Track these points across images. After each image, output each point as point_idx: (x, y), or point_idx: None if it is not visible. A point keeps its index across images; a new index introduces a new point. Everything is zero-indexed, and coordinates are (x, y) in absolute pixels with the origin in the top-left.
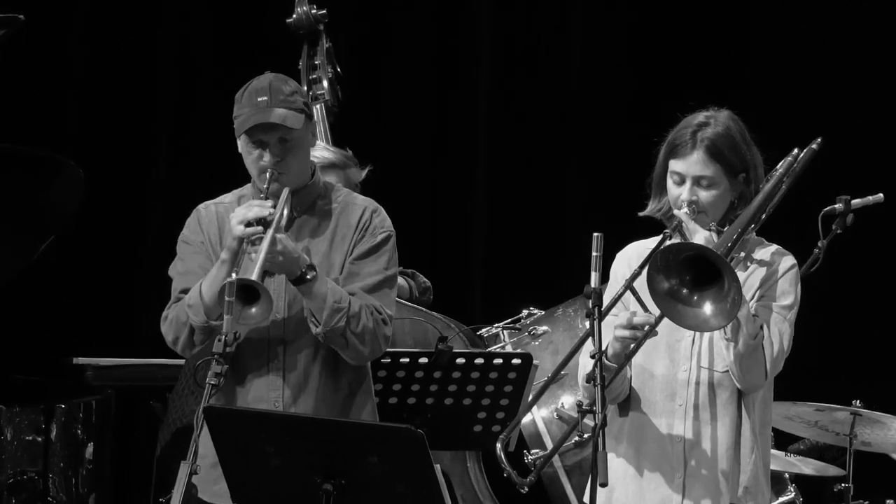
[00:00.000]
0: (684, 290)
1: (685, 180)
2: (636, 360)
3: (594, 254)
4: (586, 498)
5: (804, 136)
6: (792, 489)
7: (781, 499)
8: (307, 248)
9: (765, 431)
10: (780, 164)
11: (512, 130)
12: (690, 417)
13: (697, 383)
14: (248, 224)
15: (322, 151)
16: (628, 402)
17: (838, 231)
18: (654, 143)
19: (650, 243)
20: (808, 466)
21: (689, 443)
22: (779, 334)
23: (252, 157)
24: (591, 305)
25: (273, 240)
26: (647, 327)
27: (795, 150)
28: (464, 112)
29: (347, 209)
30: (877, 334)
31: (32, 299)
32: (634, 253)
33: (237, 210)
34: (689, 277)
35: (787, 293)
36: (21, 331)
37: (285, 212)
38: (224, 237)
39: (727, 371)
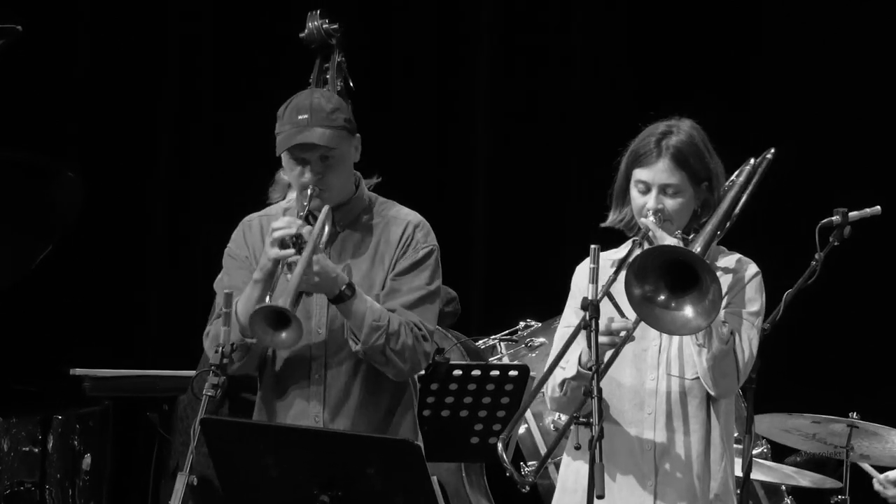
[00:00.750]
0: (662, 296)
1: (651, 189)
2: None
3: (591, 266)
4: None
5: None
6: (789, 501)
7: None
8: (348, 265)
9: (730, 439)
10: (737, 173)
11: (513, 142)
12: (660, 425)
13: (667, 392)
14: (284, 245)
15: None
16: (578, 410)
17: (835, 243)
18: (617, 152)
19: (612, 254)
20: (804, 479)
21: (659, 450)
22: (748, 340)
23: (294, 173)
24: (587, 317)
25: (309, 262)
26: (623, 333)
27: (752, 160)
28: (464, 123)
29: (390, 224)
30: (873, 346)
31: (31, 309)
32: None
33: (273, 226)
34: (666, 283)
35: (754, 300)
36: (19, 341)
37: (327, 228)
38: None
39: (697, 378)
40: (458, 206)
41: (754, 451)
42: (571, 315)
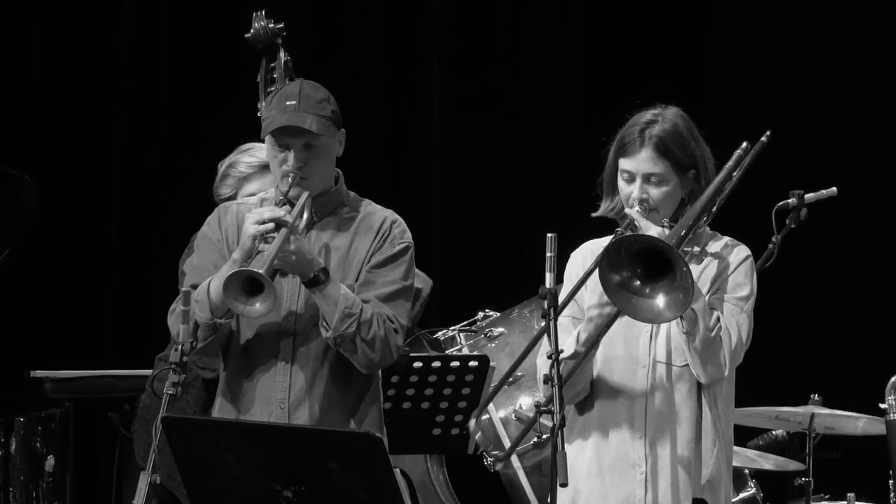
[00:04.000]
0: (636, 283)
1: (635, 178)
2: (597, 356)
3: (548, 254)
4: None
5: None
6: (752, 484)
7: (742, 494)
8: (326, 247)
9: (728, 426)
10: (732, 158)
11: (467, 132)
12: (651, 413)
13: (657, 379)
14: (263, 223)
15: (262, 153)
16: (587, 401)
17: (792, 226)
18: (605, 142)
19: (605, 242)
20: (768, 462)
21: (650, 438)
22: (736, 326)
23: (276, 159)
24: (546, 306)
25: (286, 238)
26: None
27: (745, 144)
28: (418, 116)
29: (368, 218)
30: (832, 327)
31: None
32: (589, 252)
33: (254, 210)
34: (641, 271)
35: (743, 284)
36: None
37: (304, 215)
38: (241, 237)
39: (686, 365)
40: (414, 197)
41: None
42: (569, 306)
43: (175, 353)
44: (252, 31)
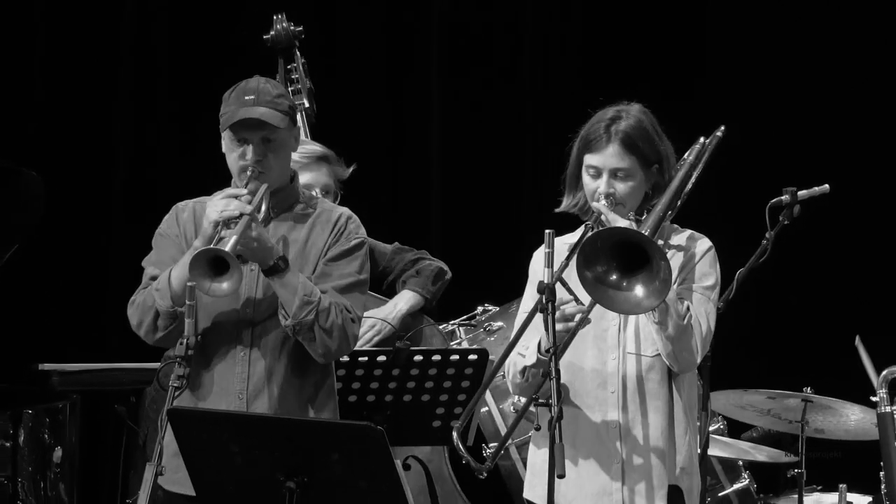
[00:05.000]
0: (613, 276)
1: (602, 173)
2: (565, 355)
3: (546, 250)
4: (528, 494)
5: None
6: (746, 476)
7: (736, 486)
8: (284, 239)
9: (694, 413)
10: (689, 152)
11: (466, 131)
12: (624, 404)
13: (628, 370)
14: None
15: (313, 145)
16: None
17: (785, 222)
18: (569, 139)
19: (568, 238)
20: (761, 454)
21: (623, 429)
22: (705, 314)
23: (234, 154)
24: (544, 300)
25: (248, 224)
26: (578, 316)
27: (702, 139)
28: (418, 114)
29: (323, 214)
30: (825, 322)
31: None
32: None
33: (214, 199)
34: (617, 264)
35: (708, 274)
36: None
37: (263, 206)
38: (199, 232)
39: (657, 355)
40: (415, 193)
41: (711, 428)
42: (529, 300)
43: (180, 346)
44: (273, 32)
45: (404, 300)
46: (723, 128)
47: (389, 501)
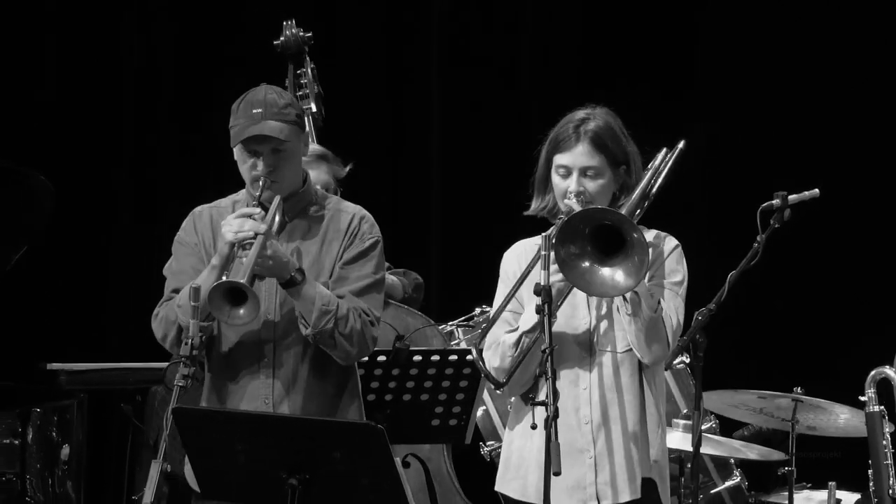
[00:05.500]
0: (591, 259)
1: (572, 172)
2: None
3: (542, 252)
4: (500, 487)
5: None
6: (737, 473)
7: (728, 483)
8: (298, 250)
9: (663, 408)
10: (653, 161)
11: (466, 132)
12: (596, 399)
13: (600, 366)
14: (240, 232)
15: (312, 145)
16: (532, 391)
17: (776, 226)
18: (539, 141)
19: (538, 239)
20: (752, 452)
21: (596, 424)
22: (674, 308)
23: (246, 165)
24: (541, 302)
25: (263, 245)
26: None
27: (665, 150)
28: (418, 115)
29: (337, 215)
30: (815, 323)
31: (6, 308)
32: (523, 250)
33: (228, 218)
34: (593, 248)
35: (676, 271)
36: None
37: (277, 218)
38: (217, 241)
39: (629, 350)
40: (414, 197)
41: (703, 427)
42: (502, 299)
43: (185, 346)
44: (283, 38)
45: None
46: (684, 142)
47: (389, 498)
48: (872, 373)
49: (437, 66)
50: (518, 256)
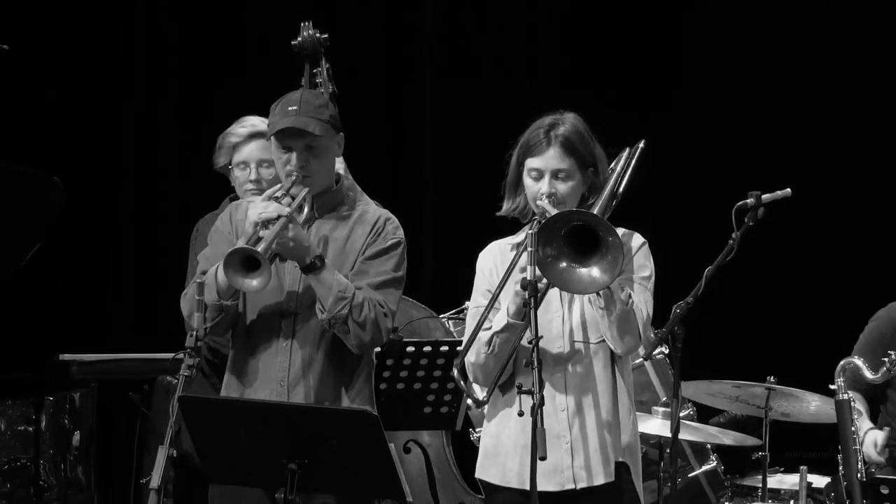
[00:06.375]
0: (567, 260)
1: (543, 175)
2: (519, 345)
3: (529, 249)
4: (480, 474)
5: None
6: (714, 458)
7: (705, 467)
8: (324, 241)
9: (633, 396)
10: (616, 161)
11: (461, 135)
12: (571, 388)
13: (574, 357)
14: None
15: (253, 119)
16: (509, 381)
17: (750, 223)
18: (510, 145)
19: (513, 239)
20: (728, 437)
21: (572, 411)
22: (644, 301)
23: (281, 160)
24: (527, 296)
25: (284, 225)
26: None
27: (627, 149)
28: (414, 113)
29: (364, 215)
30: (787, 315)
31: (22, 303)
32: (498, 249)
33: (256, 201)
34: (569, 250)
35: (644, 266)
36: (11, 331)
37: (305, 208)
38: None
39: (601, 341)
40: (410, 200)
41: (681, 414)
42: (479, 296)
43: (190, 338)
44: (300, 38)
45: None
46: (644, 141)
47: (384, 481)
48: (842, 362)
49: (432, 66)
50: (494, 256)
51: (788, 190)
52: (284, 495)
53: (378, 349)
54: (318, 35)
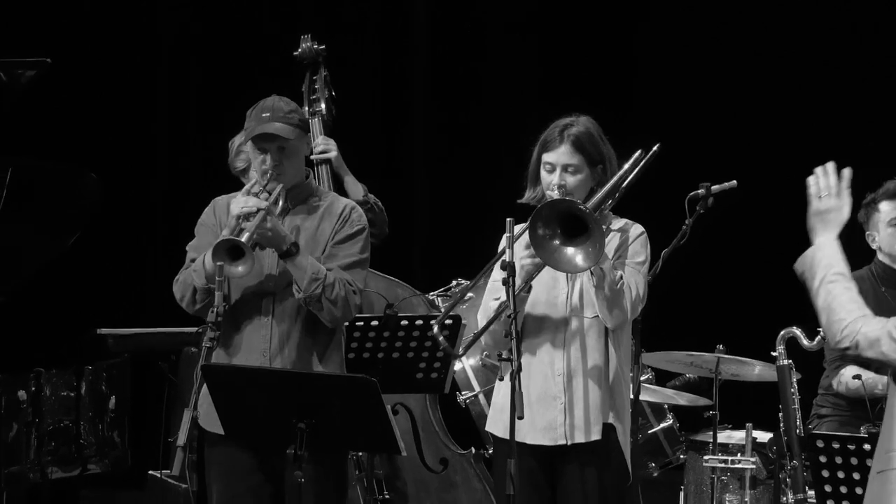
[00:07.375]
0: (558, 240)
1: (555, 168)
2: (525, 317)
3: (507, 234)
4: (489, 427)
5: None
6: (670, 416)
7: (662, 425)
8: (297, 229)
9: (627, 368)
10: (628, 160)
11: (450, 129)
12: (568, 355)
13: (573, 328)
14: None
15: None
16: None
17: (701, 211)
18: (533, 141)
19: (525, 225)
20: (682, 398)
21: (567, 376)
22: (635, 283)
23: (257, 160)
24: (507, 275)
25: (264, 218)
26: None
27: (640, 151)
28: (404, 102)
29: (332, 205)
30: (734, 291)
31: (64, 283)
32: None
33: (238, 196)
34: (562, 231)
35: (639, 252)
36: (55, 308)
37: (280, 202)
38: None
39: (596, 317)
40: (401, 188)
41: (642, 378)
42: (496, 273)
43: (211, 313)
44: (300, 49)
45: None
46: (658, 145)
47: (381, 438)
48: (782, 332)
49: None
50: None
51: (734, 182)
52: (295, 451)
53: (376, 323)
54: (316, 46)
